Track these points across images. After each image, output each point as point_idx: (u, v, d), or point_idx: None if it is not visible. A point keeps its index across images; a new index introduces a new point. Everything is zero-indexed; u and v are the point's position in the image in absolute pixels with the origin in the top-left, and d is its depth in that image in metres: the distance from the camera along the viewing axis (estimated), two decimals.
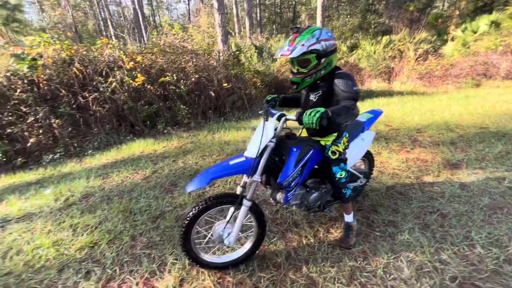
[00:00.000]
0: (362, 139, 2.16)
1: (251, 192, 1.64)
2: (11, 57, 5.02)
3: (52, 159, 4.52)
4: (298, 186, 1.72)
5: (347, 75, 1.60)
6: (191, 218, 1.61)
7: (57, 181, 3.41)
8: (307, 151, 1.71)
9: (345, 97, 1.55)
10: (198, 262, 1.73)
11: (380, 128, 4.48)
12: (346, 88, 1.56)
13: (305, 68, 1.61)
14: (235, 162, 1.62)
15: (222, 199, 1.66)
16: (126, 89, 5.53)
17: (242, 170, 1.60)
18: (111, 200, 2.78)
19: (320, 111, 1.37)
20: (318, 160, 1.82)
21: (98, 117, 5.28)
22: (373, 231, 2.05)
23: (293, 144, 1.69)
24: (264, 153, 1.60)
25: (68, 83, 5.23)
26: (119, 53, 5.72)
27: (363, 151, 2.20)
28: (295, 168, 1.65)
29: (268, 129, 1.59)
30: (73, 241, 2.16)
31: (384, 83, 10.37)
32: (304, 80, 1.65)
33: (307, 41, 1.53)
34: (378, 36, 12.32)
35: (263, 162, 1.59)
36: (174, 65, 6.39)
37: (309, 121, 1.37)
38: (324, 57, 1.59)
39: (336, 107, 1.45)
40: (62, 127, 4.88)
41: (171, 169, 3.45)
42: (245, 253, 1.81)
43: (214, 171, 1.58)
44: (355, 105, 1.51)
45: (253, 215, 1.75)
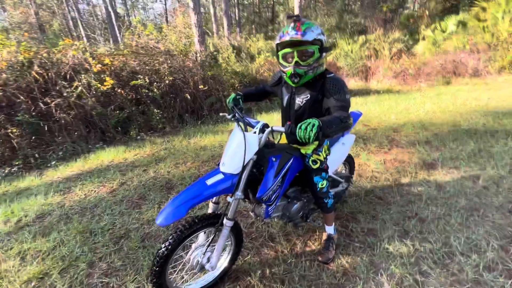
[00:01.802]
0: (343, 143, 2.08)
1: (232, 211, 1.46)
2: None
3: (9, 172, 4.09)
4: (279, 198, 1.58)
5: (340, 82, 1.48)
6: (169, 250, 1.35)
7: (10, 199, 3.06)
8: (286, 160, 1.58)
9: (337, 107, 1.41)
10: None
11: (359, 129, 4.47)
12: (338, 96, 1.43)
13: (305, 61, 1.45)
14: (213, 182, 1.40)
15: (202, 223, 1.43)
16: (94, 93, 5.16)
17: (224, 190, 1.41)
18: (70, 219, 2.50)
19: (316, 125, 1.21)
20: (299, 169, 1.70)
21: (62, 125, 4.88)
22: (352, 241, 1.96)
23: (271, 154, 1.53)
24: (246, 168, 1.42)
25: (27, 88, 4.78)
26: (85, 55, 5.33)
27: (344, 156, 2.11)
28: (275, 179, 1.51)
29: (252, 142, 1.41)
30: (20, 272, 1.89)
31: (362, 82, 10.57)
32: (307, 73, 1.48)
33: (314, 29, 1.42)
34: (355, 35, 12.56)
35: (245, 177, 1.42)
36: (147, 67, 6.07)
37: (305, 136, 1.21)
38: (324, 52, 1.48)
39: (328, 118, 1.29)
40: (21, 137, 4.44)
41: (140, 180, 3.20)
42: (222, 271, 1.67)
43: (192, 196, 1.34)
44: (348, 117, 1.36)
45: (233, 234, 1.60)
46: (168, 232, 2.21)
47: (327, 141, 1.77)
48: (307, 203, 1.81)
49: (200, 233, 1.51)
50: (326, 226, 1.91)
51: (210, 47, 9.13)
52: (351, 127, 1.56)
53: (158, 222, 1.29)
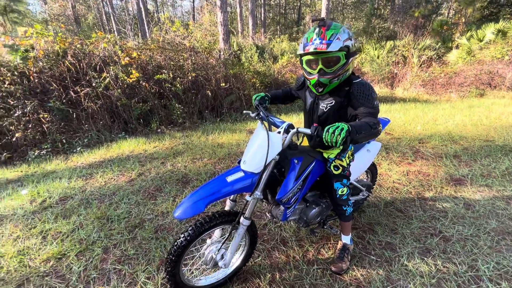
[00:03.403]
0: (368, 150, 2.00)
1: (250, 210, 1.44)
2: (4, 48, 4.84)
3: (38, 155, 4.34)
4: (298, 202, 1.54)
5: (367, 87, 1.40)
6: (187, 241, 1.35)
7: (37, 180, 3.23)
8: (309, 163, 1.54)
9: (365, 114, 1.36)
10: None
11: (381, 137, 4.29)
12: (366, 102, 1.37)
13: (330, 68, 1.37)
14: (234, 179, 1.38)
15: (219, 219, 1.42)
16: (120, 85, 5.35)
17: (244, 188, 1.38)
18: (89, 204, 2.60)
19: (345, 129, 1.16)
20: (321, 173, 1.66)
21: (89, 113, 5.10)
22: (369, 254, 1.87)
23: (294, 155, 1.50)
24: (267, 168, 1.39)
25: (60, 76, 5.05)
26: (115, 48, 5.54)
27: (367, 163, 2.03)
28: (295, 182, 1.47)
29: (275, 142, 1.37)
30: (40, 250, 1.98)
31: (387, 89, 10.18)
32: (332, 82, 1.42)
33: (341, 35, 1.32)
34: (382, 41, 12.14)
35: (265, 177, 1.39)
36: (171, 63, 6.21)
37: (332, 140, 1.16)
38: (352, 56, 1.39)
39: (358, 124, 1.25)
40: (51, 122, 4.70)
41: (158, 172, 3.27)
42: (233, 270, 1.66)
43: (211, 192, 1.33)
44: (378, 124, 1.30)
45: (248, 233, 1.59)
46: (181, 226, 2.23)
47: (351, 147, 1.71)
48: (326, 209, 1.75)
49: (217, 229, 1.51)
50: (343, 235, 1.83)
51: (234, 46, 9.19)
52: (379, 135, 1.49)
53: (176, 215, 1.28)
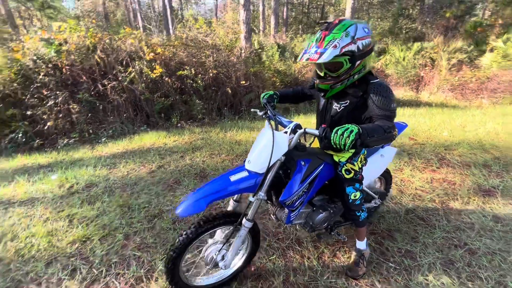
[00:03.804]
0: (382, 155, 1.91)
1: (253, 212, 1.41)
2: (40, 41, 5.16)
3: (67, 143, 4.60)
4: (303, 205, 1.49)
5: (384, 88, 1.33)
6: (187, 240, 1.34)
7: (66, 167, 3.43)
8: (316, 166, 1.49)
9: (380, 116, 1.29)
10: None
11: (403, 141, 4.13)
12: (382, 104, 1.29)
13: (335, 72, 1.33)
14: (237, 178, 1.35)
15: (221, 219, 1.41)
16: (144, 80, 5.53)
17: (247, 188, 1.35)
18: (112, 193, 2.72)
19: (355, 131, 1.10)
20: (329, 177, 1.60)
21: (115, 106, 5.33)
22: (387, 261, 1.81)
23: (300, 157, 1.45)
24: (272, 169, 1.36)
25: (89, 70, 5.31)
26: (141, 44, 5.74)
27: (381, 169, 1.95)
28: (301, 185, 1.42)
29: (281, 142, 1.33)
30: (67, 232, 2.10)
31: (412, 92, 9.78)
32: (334, 87, 1.37)
33: (340, 41, 1.24)
34: (409, 42, 11.66)
35: (270, 178, 1.36)
36: (194, 59, 6.33)
37: (340, 142, 1.11)
38: (359, 59, 1.31)
39: (370, 126, 1.18)
40: (80, 113, 4.95)
41: (177, 165, 3.36)
42: (234, 271, 1.63)
43: (213, 191, 1.31)
44: (393, 128, 1.23)
45: (250, 235, 1.55)
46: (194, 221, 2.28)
47: (364, 150, 1.65)
48: (333, 215, 1.68)
49: (219, 229, 1.49)
50: (358, 240, 1.77)
51: (255, 44, 9.20)
52: (394, 139, 1.39)
53: (177, 212, 1.28)
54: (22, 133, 4.56)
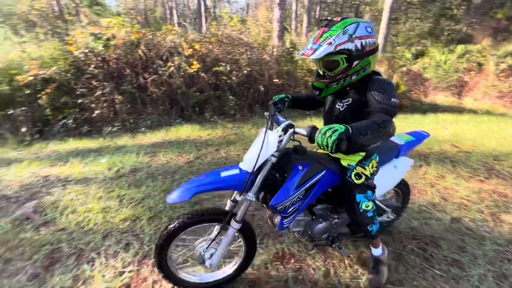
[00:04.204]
0: (395, 166, 1.75)
1: (241, 213, 1.36)
2: (90, 36, 5.59)
3: (111, 131, 4.94)
4: (298, 212, 1.40)
5: (386, 82, 1.28)
6: (167, 236, 1.35)
7: (112, 152, 3.70)
8: (316, 172, 1.38)
9: (378, 110, 1.22)
10: (175, 282, 1.48)
11: (445, 148, 3.92)
12: (381, 98, 1.23)
13: (332, 71, 1.29)
14: (227, 175, 1.33)
15: (206, 216, 1.40)
16: (181, 74, 5.77)
17: (233, 185, 1.31)
18: (155, 178, 2.89)
19: (339, 131, 1.03)
20: (332, 184, 1.49)
21: (154, 98, 5.62)
22: (432, 267, 1.75)
23: (299, 161, 1.36)
24: (263, 169, 1.30)
25: (132, 63, 5.65)
26: (180, 40, 5.98)
27: (394, 181, 1.77)
28: (296, 190, 1.33)
29: (270, 141, 1.27)
30: (118, 211, 2.28)
31: (453, 98, 9.17)
32: (329, 86, 1.32)
33: (336, 38, 1.20)
34: (452, 44, 10.94)
35: (260, 179, 1.30)
36: (228, 56, 6.48)
37: (323, 142, 1.04)
38: (357, 60, 1.25)
39: (361, 124, 1.12)
40: (122, 103, 5.29)
41: (213, 158, 3.48)
42: (224, 277, 1.56)
43: (201, 184, 1.30)
44: (389, 122, 1.16)
45: (242, 236, 1.48)
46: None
47: (376, 155, 1.51)
48: (336, 226, 1.56)
49: (215, 226, 1.47)
50: (372, 248, 1.65)
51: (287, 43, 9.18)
52: (392, 135, 1.26)
53: (167, 199, 1.30)
54: (72, 119, 4.98)
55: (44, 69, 5.02)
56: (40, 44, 7.61)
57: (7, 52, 6.63)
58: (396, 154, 1.76)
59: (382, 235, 1.87)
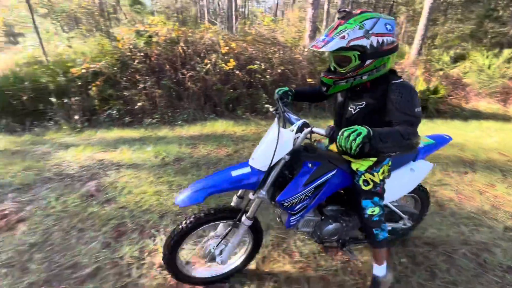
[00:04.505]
0: (412, 169, 1.64)
1: (253, 210, 1.36)
2: (135, 33, 5.96)
3: (150, 123, 5.23)
4: (306, 211, 1.38)
5: (408, 89, 1.17)
6: (178, 237, 1.35)
7: (154, 142, 3.94)
8: (327, 171, 1.35)
9: (401, 121, 1.13)
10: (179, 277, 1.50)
11: (492, 156, 3.72)
12: (404, 107, 1.13)
13: (343, 68, 1.22)
14: (238, 174, 1.31)
15: (219, 214, 1.40)
16: (217, 71, 5.96)
17: (247, 184, 1.31)
18: (199, 168, 3.05)
19: (363, 134, 0.98)
20: (344, 185, 1.45)
21: (190, 94, 5.87)
22: (486, 273, 1.71)
23: (309, 158, 1.33)
24: (276, 167, 1.29)
25: (172, 59, 5.94)
26: (218, 38, 6.18)
27: (410, 185, 1.67)
28: (304, 188, 1.31)
29: (285, 140, 1.25)
30: (169, 195, 2.45)
31: (498, 105, 8.57)
32: (337, 83, 1.25)
33: (351, 32, 1.13)
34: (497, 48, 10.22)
35: (273, 177, 1.29)
36: (262, 55, 6.58)
37: (345, 145, 0.99)
38: (371, 58, 1.16)
39: (385, 130, 1.05)
40: (161, 97, 5.58)
41: (250, 152, 3.57)
42: (232, 269, 1.60)
43: (213, 184, 1.29)
44: (414, 134, 1.09)
45: (251, 234, 1.50)
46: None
47: (388, 161, 1.42)
48: (346, 228, 1.51)
49: (220, 223, 1.47)
50: (375, 264, 1.50)
51: None
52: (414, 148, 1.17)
53: (176, 202, 1.27)
54: (116, 110, 5.34)
55: (94, 63, 5.43)
56: (85, 39, 8.24)
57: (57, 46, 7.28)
58: (414, 157, 1.67)
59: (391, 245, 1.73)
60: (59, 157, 3.27)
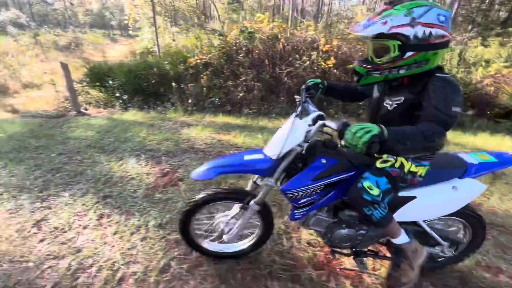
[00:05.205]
0: (455, 187, 1.40)
1: (261, 196, 1.38)
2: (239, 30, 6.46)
3: (248, 113, 5.64)
4: (313, 207, 1.35)
5: (450, 84, 1.04)
6: (191, 207, 1.49)
7: (256, 131, 4.23)
8: (343, 170, 1.30)
9: (430, 117, 1.01)
10: (194, 247, 1.66)
11: None
12: (438, 102, 1.01)
13: (379, 57, 1.12)
14: (250, 158, 1.36)
15: (229, 194, 1.50)
16: (315, 69, 6.00)
17: (256, 169, 1.35)
18: None
19: (372, 133, 0.90)
20: None
21: (285, 89, 6.07)
22: None
23: (325, 154, 1.29)
24: (287, 157, 1.28)
25: (271, 55, 6.23)
26: (320, 36, 6.19)
27: (451, 206, 1.41)
28: (312, 182, 1.27)
29: (298, 130, 1.24)
30: None
31: None
32: (371, 74, 1.15)
33: (395, 18, 1.02)
34: None
35: (283, 166, 1.28)
36: (359, 54, 6.30)
37: (353, 142, 0.91)
38: (412, 50, 1.05)
39: (403, 130, 0.95)
40: (259, 90, 5.94)
41: None
42: (238, 251, 1.68)
43: (225, 164, 1.38)
44: (440, 136, 0.96)
45: (260, 218, 1.55)
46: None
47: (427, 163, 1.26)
48: (362, 238, 1.42)
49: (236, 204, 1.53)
50: (391, 239, 1.38)
51: None
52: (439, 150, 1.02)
53: (191, 175, 1.38)
54: (219, 99, 5.94)
55: (206, 55, 6.14)
56: (187, 34, 9.35)
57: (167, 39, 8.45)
58: (461, 174, 1.41)
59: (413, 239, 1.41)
60: (186, 133, 3.84)
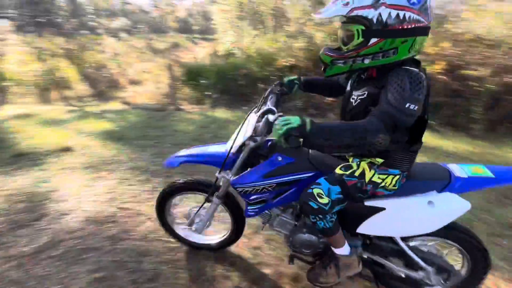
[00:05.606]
0: (430, 202, 1.14)
1: (222, 189, 1.40)
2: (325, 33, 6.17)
3: (333, 118, 5.33)
4: (267, 206, 1.33)
5: (412, 77, 0.90)
6: (162, 195, 1.58)
7: None
8: (300, 170, 1.25)
9: (378, 112, 0.90)
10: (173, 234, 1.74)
11: None
12: (392, 95, 0.88)
13: (346, 45, 1.03)
14: (212, 151, 1.42)
15: (194, 185, 1.55)
16: None
17: (213, 161, 1.37)
18: None
19: (290, 126, 0.86)
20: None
21: None
22: None
23: (283, 152, 1.26)
24: (242, 152, 1.26)
25: None
26: None
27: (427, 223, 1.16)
28: (263, 179, 1.26)
29: (248, 124, 1.24)
30: None
31: None
32: (335, 64, 1.04)
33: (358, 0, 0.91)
34: None
35: (240, 161, 1.28)
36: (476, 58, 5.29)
37: (274, 134, 0.90)
38: (376, 37, 0.93)
39: (331, 125, 0.89)
40: None
41: None
42: (205, 244, 1.73)
43: (190, 154, 1.45)
44: (376, 133, 0.85)
45: (229, 210, 1.56)
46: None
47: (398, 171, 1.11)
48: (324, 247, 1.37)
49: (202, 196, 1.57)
50: (332, 247, 1.29)
51: None
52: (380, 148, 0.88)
53: (163, 162, 1.48)
54: (302, 102, 5.79)
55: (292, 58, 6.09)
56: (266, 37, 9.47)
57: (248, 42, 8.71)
58: (441, 187, 1.18)
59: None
60: None
